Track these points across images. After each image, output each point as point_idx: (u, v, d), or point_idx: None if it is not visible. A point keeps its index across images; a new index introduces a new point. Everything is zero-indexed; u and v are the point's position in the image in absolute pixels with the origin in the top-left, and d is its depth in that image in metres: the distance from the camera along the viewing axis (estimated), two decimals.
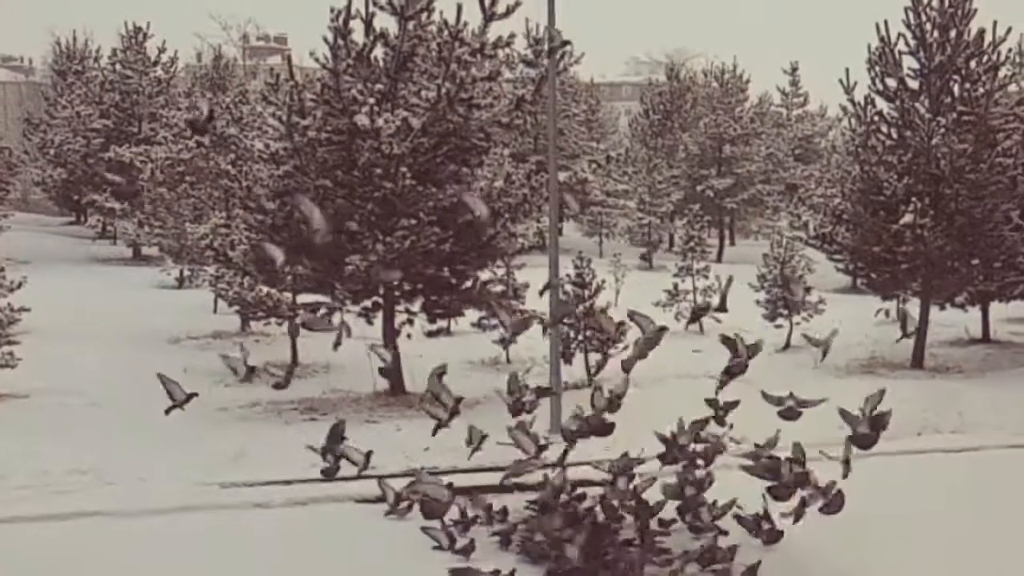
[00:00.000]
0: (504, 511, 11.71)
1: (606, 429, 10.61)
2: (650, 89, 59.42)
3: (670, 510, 11.00)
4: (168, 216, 29.92)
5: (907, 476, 13.78)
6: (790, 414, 10.49)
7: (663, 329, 10.46)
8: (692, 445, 10.81)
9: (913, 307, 22.86)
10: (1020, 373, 20.45)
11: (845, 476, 10.21)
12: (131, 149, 34.84)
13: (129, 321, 24.95)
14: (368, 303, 18.70)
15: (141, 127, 40.57)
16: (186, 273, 29.96)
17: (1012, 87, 23.17)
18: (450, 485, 11.47)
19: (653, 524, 10.85)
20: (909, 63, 21.76)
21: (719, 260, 45.08)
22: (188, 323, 25.44)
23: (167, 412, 10.33)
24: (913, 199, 20.27)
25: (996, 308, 24.83)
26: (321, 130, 17.73)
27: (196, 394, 10.43)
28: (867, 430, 10.18)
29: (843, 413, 10.26)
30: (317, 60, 18.50)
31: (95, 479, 13.91)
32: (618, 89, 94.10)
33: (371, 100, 17.39)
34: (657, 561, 10.43)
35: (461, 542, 10.89)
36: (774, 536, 10.98)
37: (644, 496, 10.88)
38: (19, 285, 20.16)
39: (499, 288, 21.15)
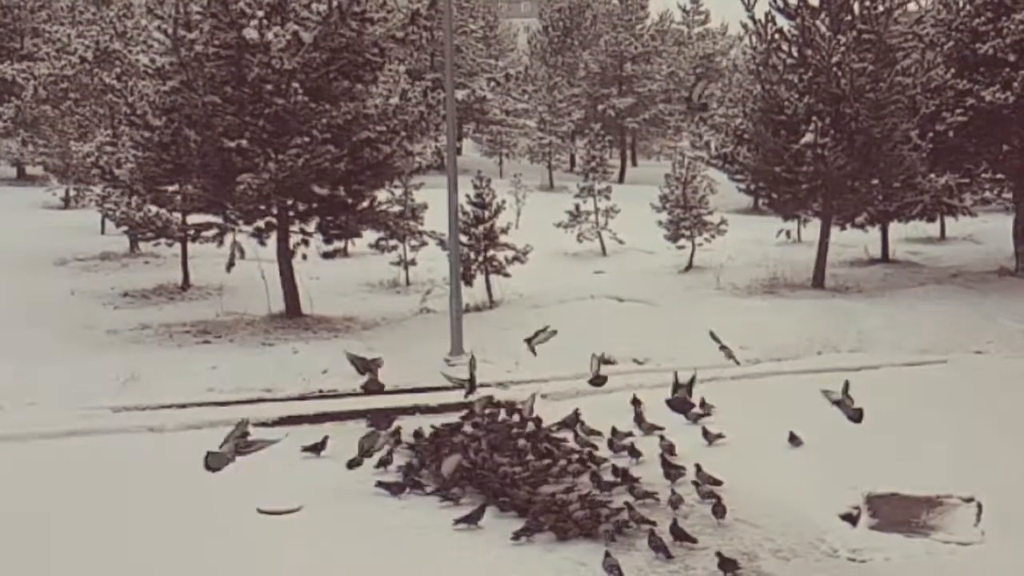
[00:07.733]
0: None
1: None
2: (549, 5, 58.74)
3: None
4: (52, 134, 28.88)
5: (807, 394, 13.83)
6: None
7: None
8: None
9: (814, 227, 22.96)
10: (918, 292, 20.64)
11: None
12: (13, 66, 33.62)
13: (14, 242, 24.08)
14: (261, 223, 18.23)
15: (23, 43, 39.15)
16: (72, 193, 28.97)
17: (911, 5, 23.01)
18: None
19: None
20: None
21: (621, 181, 45.01)
22: (75, 244, 24.63)
23: None
24: (814, 118, 20.16)
25: (895, 228, 25.07)
26: (208, 44, 17.07)
27: None
28: None
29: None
30: None
31: None
32: (516, 5, 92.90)
33: (260, 13, 16.85)
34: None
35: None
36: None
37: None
38: None
39: (397, 208, 20.79)
